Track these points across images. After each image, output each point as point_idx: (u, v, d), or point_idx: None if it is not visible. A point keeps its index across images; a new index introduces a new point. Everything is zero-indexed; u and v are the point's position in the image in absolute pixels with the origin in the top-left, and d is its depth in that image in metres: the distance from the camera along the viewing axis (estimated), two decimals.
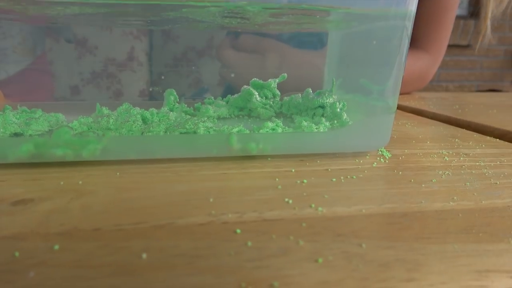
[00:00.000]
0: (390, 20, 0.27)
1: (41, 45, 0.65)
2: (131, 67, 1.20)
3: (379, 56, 0.29)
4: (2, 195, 0.20)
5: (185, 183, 0.22)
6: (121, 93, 1.24)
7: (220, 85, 1.33)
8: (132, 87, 1.21)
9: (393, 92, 0.28)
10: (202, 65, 1.30)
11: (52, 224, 0.17)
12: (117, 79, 1.20)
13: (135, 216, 0.18)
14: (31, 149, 0.23)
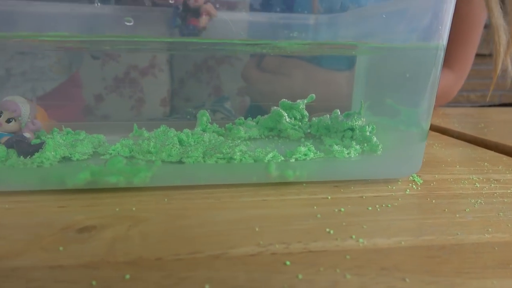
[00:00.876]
0: (423, 51, 0.28)
1: (76, 64, 0.68)
2: (153, 73, 1.23)
3: (412, 83, 0.30)
4: (67, 222, 0.22)
5: (230, 211, 0.24)
6: (143, 100, 1.27)
7: (239, 95, 1.35)
8: (154, 95, 1.24)
9: (426, 119, 0.29)
10: (222, 73, 1.32)
11: (118, 253, 0.19)
12: (140, 87, 1.24)
13: (190, 245, 0.20)
14: (87, 177, 0.25)
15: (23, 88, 0.57)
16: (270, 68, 0.55)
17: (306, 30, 0.41)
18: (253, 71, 0.57)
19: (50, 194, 0.25)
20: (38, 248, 0.19)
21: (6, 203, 0.24)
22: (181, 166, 0.28)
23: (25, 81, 0.57)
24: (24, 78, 0.57)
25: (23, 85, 0.57)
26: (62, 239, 0.20)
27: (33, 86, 0.58)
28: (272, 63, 0.55)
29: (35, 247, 0.19)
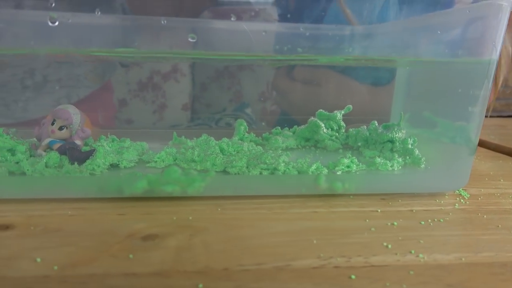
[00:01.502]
0: (473, 65, 0.28)
1: (109, 72, 0.70)
2: (175, 78, 1.25)
3: (461, 97, 0.30)
4: (130, 230, 0.23)
5: (284, 222, 0.24)
6: (165, 105, 1.29)
7: (261, 101, 1.36)
8: (176, 100, 1.26)
9: (476, 133, 0.29)
10: (244, 78, 1.33)
11: (186, 262, 0.19)
12: (162, 91, 1.26)
13: (253, 256, 0.20)
14: (145, 186, 0.26)
15: (58, 94, 0.59)
16: (302, 77, 0.55)
17: (343, 43, 0.41)
18: (284, 80, 0.57)
19: (107, 201, 0.26)
20: (108, 256, 0.20)
21: (69, 210, 0.25)
22: (233, 177, 0.29)
23: (60, 87, 0.59)
24: (60, 85, 0.59)
25: (58, 92, 0.59)
26: (129, 246, 0.21)
27: (68, 92, 0.60)
28: (303, 72, 0.55)
29: (105, 254, 0.20)
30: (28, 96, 0.56)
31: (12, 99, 0.56)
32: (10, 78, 0.54)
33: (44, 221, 0.23)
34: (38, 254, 0.20)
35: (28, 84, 0.56)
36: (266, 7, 0.47)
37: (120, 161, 0.33)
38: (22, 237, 0.21)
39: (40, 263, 0.19)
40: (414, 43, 0.37)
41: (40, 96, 0.57)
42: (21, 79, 0.55)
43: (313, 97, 0.54)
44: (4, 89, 0.55)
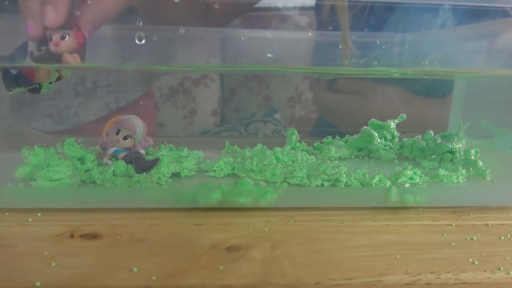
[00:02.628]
0: None
1: (153, 78, 0.72)
2: (205, 83, 1.26)
3: None
4: (211, 241, 0.23)
5: (359, 235, 0.24)
6: (195, 110, 1.30)
7: (290, 106, 1.35)
8: (206, 105, 1.27)
9: None
10: (272, 83, 1.33)
11: (275, 275, 0.20)
12: (192, 96, 1.27)
13: (340, 270, 0.20)
14: (219, 197, 0.26)
15: (107, 98, 0.61)
16: (345, 88, 0.55)
17: (392, 54, 0.41)
18: (325, 93, 0.57)
19: (181, 211, 0.27)
20: (199, 266, 0.20)
21: (147, 220, 0.26)
22: (304, 189, 0.29)
23: (109, 92, 0.61)
24: (108, 90, 0.61)
25: (107, 96, 0.61)
26: (216, 258, 0.21)
27: (116, 96, 0.62)
28: (347, 83, 0.55)
29: (196, 265, 0.20)
30: (80, 102, 0.59)
31: (64, 105, 0.58)
32: (64, 85, 0.56)
33: (127, 231, 0.24)
34: (132, 263, 0.20)
35: (80, 90, 0.58)
36: (295, 13, 0.46)
37: (181, 170, 0.34)
38: (111, 246, 0.22)
39: (137, 273, 0.20)
40: (470, 54, 0.36)
41: (90, 101, 0.59)
42: (73, 86, 0.58)
43: (358, 108, 0.53)
44: (58, 96, 0.57)
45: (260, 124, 1.21)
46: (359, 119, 0.53)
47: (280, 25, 1.02)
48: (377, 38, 0.38)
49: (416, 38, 0.41)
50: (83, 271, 0.20)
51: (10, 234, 0.23)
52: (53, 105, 0.58)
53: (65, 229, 0.24)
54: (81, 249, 0.22)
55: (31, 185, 0.28)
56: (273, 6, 0.85)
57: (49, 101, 0.58)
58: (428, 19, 0.39)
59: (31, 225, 0.25)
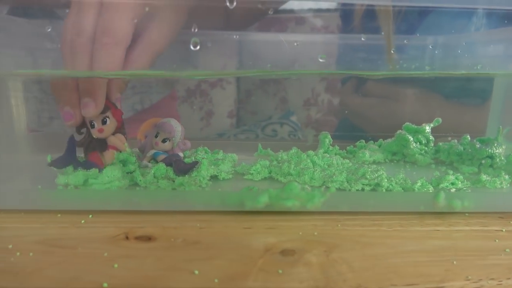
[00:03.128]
0: None
1: (177, 80, 0.73)
2: (221, 85, 1.27)
3: None
4: (264, 244, 0.23)
5: (411, 240, 0.24)
6: (212, 112, 1.31)
7: (305, 109, 1.35)
8: (222, 106, 1.27)
9: None
10: (289, 85, 1.33)
11: (336, 280, 0.20)
12: (209, 98, 1.28)
13: (400, 276, 0.20)
14: (266, 200, 0.27)
15: (133, 100, 0.62)
16: (375, 92, 0.54)
17: (426, 56, 0.41)
18: (353, 96, 0.56)
19: (228, 215, 0.27)
20: (259, 270, 0.21)
21: (196, 222, 0.26)
22: (349, 193, 0.29)
23: (134, 93, 0.62)
24: (133, 91, 0.61)
25: (132, 97, 0.62)
26: (273, 261, 0.21)
27: (141, 98, 0.62)
28: (377, 87, 0.54)
29: (255, 268, 0.21)
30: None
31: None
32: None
33: (180, 233, 0.24)
34: (192, 266, 0.21)
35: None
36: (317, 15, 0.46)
37: (218, 173, 0.34)
38: (167, 248, 0.23)
39: (198, 276, 0.20)
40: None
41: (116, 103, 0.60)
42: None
43: (387, 111, 0.53)
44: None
45: (276, 126, 1.21)
46: (388, 122, 0.53)
47: (297, 27, 1.02)
48: (413, 41, 0.38)
49: (451, 41, 0.40)
50: (146, 273, 0.20)
51: (66, 235, 0.24)
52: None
53: (119, 231, 0.24)
54: (138, 251, 0.22)
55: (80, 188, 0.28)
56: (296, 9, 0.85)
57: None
58: (462, 22, 0.38)
59: (85, 226, 0.25)
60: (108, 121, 0.30)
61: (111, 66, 0.26)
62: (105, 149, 0.31)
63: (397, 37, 0.39)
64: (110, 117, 0.30)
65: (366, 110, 0.54)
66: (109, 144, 0.31)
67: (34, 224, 0.25)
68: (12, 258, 0.21)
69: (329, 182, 0.32)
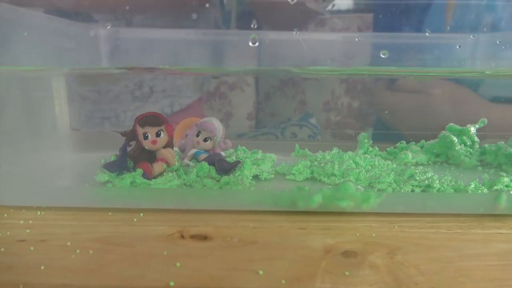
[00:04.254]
0: None
1: (208, 83, 0.73)
2: (241, 87, 1.27)
3: None
4: (323, 245, 0.23)
5: (475, 243, 0.23)
6: (231, 114, 1.31)
7: (324, 111, 1.34)
8: (241, 108, 1.27)
9: None
10: (308, 87, 1.32)
11: (407, 282, 0.19)
12: (228, 100, 1.28)
13: (472, 280, 0.19)
14: (320, 200, 0.26)
15: (162, 103, 0.62)
16: (407, 87, 0.53)
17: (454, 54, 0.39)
18: (387, 93, 0.56)
19: (279, 215, 0.27)
20: (324, 271, 0.20)
21: (249, 222, 0.25)
22: (404, 194, 0.28)
23: (164, 97, 0.62)
24: (164, 95, 0.62)
25: (162, 101, 0.62)
26: (336, 263, 0.21)
27: (171, 101, 0.63)
28: (406, 82, 0.53)
29: (319, 269, 0.20)
30: (136, 106, 0.60)
31: (122, 109, 0.59)
32: (122, 89, 0.58)
33: (234, 233, 0.24)
34: (255, 266, 0.20)
35: (137, 95, 0.59)
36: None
37: (260, 173, 0.34)
38: (225, 248, 0.22)
39: (264, 276, 0.19)
40: None
41: (146, 106, 0.61)
42: (131, 91, 0.59)
43: (423, 106, 0.52)
44: (116, 100, 0.58)
45: (296, 128, 1.20)
46: (424, 120, 0.52)
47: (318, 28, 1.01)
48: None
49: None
50: (210, 272, 0.20)
51: (122, 233, 0.24)
52: (112, 108, 0.60)
53: (173, 230, 0.24)
54: (197, 250, 0.22)
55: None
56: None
57: (108, 104, 0.59)
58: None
59: (138, 225, 0.25)
60: (162, 134, 0.31)
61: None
62: (154, 161, 0.31)
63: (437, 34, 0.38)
64: (164, 130, 0.31)
65: (399, 105, 0.53)
66: (160, 156, 0.31)
67: (88, 222, 0.25)
68: (73, 256, 0.21)
69: (376, 183, 0.31)
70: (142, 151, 0.31)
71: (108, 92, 0.58)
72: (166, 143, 0.31)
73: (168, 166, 0.32)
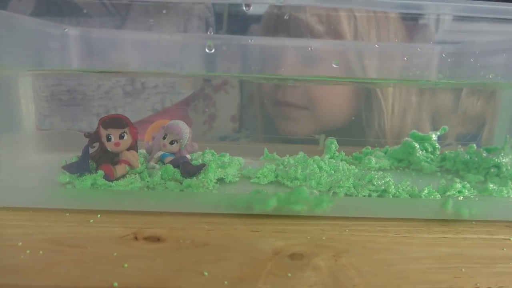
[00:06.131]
0: None
1: (200, 81, 0.73)
2: (225, 89, 1.27)
3: None
4: (272, 247, 0.23)
5: (419, 247, 0.24)
6: (215, 116, 1.31)
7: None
8: (225, 110, 1.28)
9: None
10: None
11: (346, 284, 0.20)
12: (212, 101, 1.28)
13: (409, 283, 0.20)
14: (275, 204, 0.27)
15: (154, 99, 0.62)
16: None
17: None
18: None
19: (235, 217, 0.27)
20: (268, 273, 0.21)
21: (204, 224, 0.26)
22: (356, 199, 0.29)
23: (156, 93, 0.62)
24: (155, 91, 0.62)
25: (153, 97, 0.62)
26: (282, 265, 0.21)
27: (162, 98, 0.63)
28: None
29: (264, 271, 0.21)
30: (127, 102, 0.60)
31: (112, 105, 0.59)
32: (113, 85, 0.58)
33: (188, 235, 0.24)
34: (201, 267, 0.21)
35: (128, 90, 0.59)
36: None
37: (225, 176, 0.34)
38: (176, 250, 0.23)
39: (208, 277, 0.20)
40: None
41: (138, 101, 0.60)
42: (123, 86, 0.59)
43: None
44: (107, 96, 0.58)
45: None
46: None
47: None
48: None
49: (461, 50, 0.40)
50: (156, 273, 0.20)
51: (75, 234, 0.24)
52: (102, 104, 0.59)
53: (128, 231, 0.24)
54: (148, 252, 0.22)
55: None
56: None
57: (99, 100, 0.59)
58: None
59: (93, 226, 0.25)
60: (126, 137, 0.31)
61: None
62: (117, 163, 0.31)
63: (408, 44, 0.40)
64: (127, 133, 0.31)
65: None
66: (123, 158, 0.32)
67: (43, 223, 0.25)
68: (22, 256, 0.21)
69: (335, 188, 0.32)
70: (105, 152, 0.31)
71: (99, 87, 0.58)
72: (129, 145, 0.32)
73: (131, 168, 0.32)
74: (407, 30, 0.43)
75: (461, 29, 0.39)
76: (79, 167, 0.30)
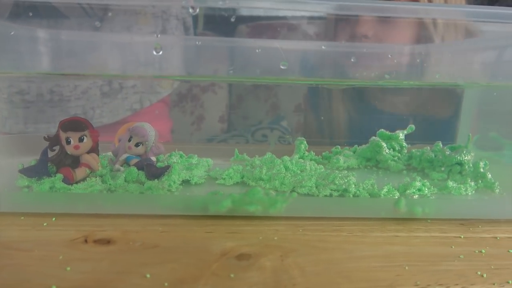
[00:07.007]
0: None
1: (176, 81, 0.73)
2: (213, 90, 1.27)
3: None
4: (222, 248, 0.23)
5: (369, 246, 0.24)
6: (203, 117, 1.31)
7: (296, 115, 1.35)
8: (213, 111, 1.28)
9: None
10: (280, 91, 1.33)
11: (286, 284, 0.20)
12: (200, 102, 1.28)
13: (350, 281, 0.20)
14: (229, 205, 0.27)
15: (132, 99, 0.62)
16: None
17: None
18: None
19: (192, 219, 0.27)
20: (211, 274, 0.21)
21: (159, 226, 0.26)
22: (312, 199, 0.29)
23: (134, 93, 0.62)
24: (134, 90, 0.61)
25: (132, 97, 0.61)
26: (227, 265, 0.22)
27: (140, 97, 0.62)
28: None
29: (207, 272, 0.21)
30: (105, 102, 0.59)
31: (90, 106, 0.58)
32: (91, 85, 0.57)
33: (140, 237, 0.24)
34: (145, 269, 0.21)
35: (106, 90, 0.59)
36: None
37: (191, 178, 0.34)
38: (124, 252, 0.23)
39: (150, 279, 0.20)
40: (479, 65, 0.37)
41: (115, 101, 0.60)
42: (100, 86, 0.58)
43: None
44: (84, 96, 0.57)
45: (267, 131, 1.22)
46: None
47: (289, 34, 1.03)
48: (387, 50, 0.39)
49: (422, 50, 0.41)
50: (97, 276, 0.20)
51: (25, 238, 0.24)
52: (79, 105, 0.58)
53: (79, 234, 0.24)
54: (95, 254, 0.22)
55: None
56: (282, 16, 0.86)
57: (76, 101, 0.58)
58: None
59: (46, 229, 0.25)
60: (85, 139, 0.31)
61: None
62: (77, 166, 0.31)
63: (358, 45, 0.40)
64: (87, 135, 0.31)
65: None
66: (83, 161, 0.31)
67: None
68: None
69: (298, 188, 0.32)
70: (65, 156, 0.31)
71: (76, 87, 0.57)
72: (90, 148, 0.32)
73: (92, 172, 0.32)
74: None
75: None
76: (37, 170, 0.30)
